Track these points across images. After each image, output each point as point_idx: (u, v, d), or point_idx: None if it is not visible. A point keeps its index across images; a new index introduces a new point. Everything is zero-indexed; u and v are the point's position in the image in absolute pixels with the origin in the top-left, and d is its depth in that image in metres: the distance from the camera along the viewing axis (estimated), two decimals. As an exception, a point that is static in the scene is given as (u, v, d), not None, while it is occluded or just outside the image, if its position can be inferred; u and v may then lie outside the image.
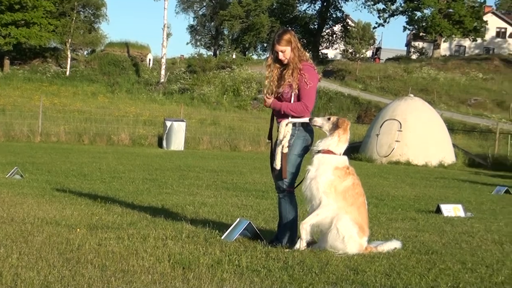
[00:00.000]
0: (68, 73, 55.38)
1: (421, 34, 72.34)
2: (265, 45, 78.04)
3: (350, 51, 68.88)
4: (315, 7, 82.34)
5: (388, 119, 26.38)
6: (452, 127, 33.40)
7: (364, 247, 6.29)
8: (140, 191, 11.19)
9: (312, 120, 6.54)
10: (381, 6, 72.34)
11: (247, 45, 78.97)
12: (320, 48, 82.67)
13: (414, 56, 76.50)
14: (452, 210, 10.16)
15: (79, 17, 60.65)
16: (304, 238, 6.32)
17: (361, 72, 58.37)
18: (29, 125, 27.62)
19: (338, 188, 6.28)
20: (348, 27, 78.57)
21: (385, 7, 71.82)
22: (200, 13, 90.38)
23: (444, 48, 77.37)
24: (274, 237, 6.73)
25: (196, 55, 61.15)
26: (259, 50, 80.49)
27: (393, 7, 71.74)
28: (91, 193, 10.36)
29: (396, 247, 6.48)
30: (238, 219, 7.11)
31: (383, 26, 72.78)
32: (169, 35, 59.22)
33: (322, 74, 58.28)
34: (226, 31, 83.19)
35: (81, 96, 45.86)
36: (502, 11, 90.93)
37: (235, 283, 4.94)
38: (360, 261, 5.84)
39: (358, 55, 65.56)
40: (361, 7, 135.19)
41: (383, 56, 79.77)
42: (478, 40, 72.70)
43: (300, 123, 6.62)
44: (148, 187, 11.95)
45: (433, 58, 66.89)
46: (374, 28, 72.44)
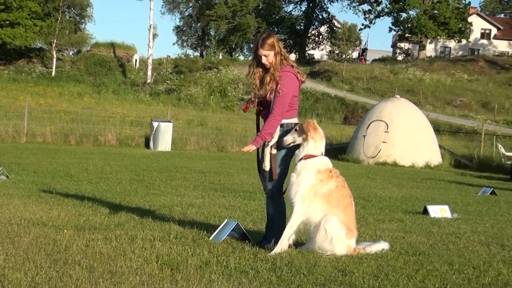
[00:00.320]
0: (54, 74, 55.13)
1: (407, 35, 72.68)
2: (252, 46, 78.09)
3: (336, 52, 69.13)
4: (301, 8, 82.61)
5: (375, 120, 26.45)
6: (438, 128, 33.55)
7: (353, 248, 6.30)
8: (128, 192, 11.15)
9: (284, 142, 6.49)
10: (367, 7, 72.65)
11: (234, 46, 78.99)
12: (307, 49, 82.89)
13: (400, 57, 76.84)
14: (439, 211, 10.21)
15: (65, 18, 60.37)
16: (279, 251, 6.25)
17: (348, 73, 58.53)
18: (15, 126, 27.45)
19: (320, 192, 6.26)
20: (334, 28, 78.85)
21: (371, 8, 72.09)
22: (186, 14, 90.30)
23: (430, 50, 77.75)
24: (262, 238, 6.73)
25: (183, 56, 61.05)
26: (246, 51, 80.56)
27: (379, 8, 72.06)
28: (78, 194, 10.31)
29: (384, 248, 6.49)
30: (226, 220, 7.11)
31: (369, 28, 73.03)
32: (155, 36, 59.07)
33: (309, 75, 58.40)
34: (213, 32, 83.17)
35: (67, 97, 45.66)
36: (487, 13, 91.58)
37: (224, 284, 4.94)
38: (348, 262, 5.85)
39: (344, 56, 65.78)
40: (347, 8, 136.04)
41: (369, 57, 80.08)
42: (463, 42, 73.12)
43: (287, 124, 6.63)
44: (135, 188, 11.91)
45: (419, 59, 67.21)
46: (360, 30, 72.77)
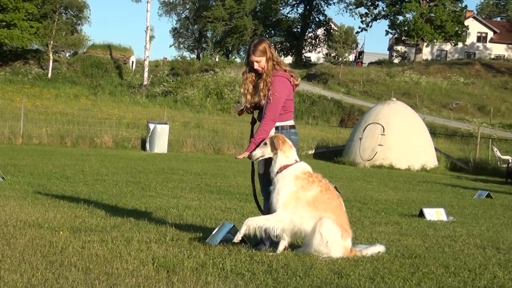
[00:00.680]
0: (50, 75, 55.06)
1: (403, 38, 72.81)
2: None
3: (333, 55, 69.14)
4: (298, 11, 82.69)
5: (371, 123, 26.47)
6: (434, 131, 33.59)
7: (349, 249, 6.30)
8: (124, 194, 11.15)
9: (252, 157, 6.49)
10: (364, 10, 72.80)
11: (230, 48, 78.99)
12: (303, 52, 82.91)
13: (397, 60, 76.96)
14: (435, 214, 10.22)
15: (61, 19, 60.33)
16: (241, 233, 6.23)
17: (344, 76, 58.57)
18: (11, 127, 27.40)
19: (304, 198, 6.22)
20: (331, 31, 78.90)
21: (368, 11, 72.23)
22: (183, 16, 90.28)
23: (426, 53, 77.88)
24: (259, 240, 6.73)
25: (179, 58, 61.01)
26: (242, 53, 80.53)
27: (376, 11, 72.21)
28: (74, 196, 10.30)
29: (380, 251, 6.49)
30: (222, 222, 7.11)
31: (366, 31, 73.17)
32: (152, 38, 59.11)
33: (306, 78, 58.46)
34: (209, 34, 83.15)
35: (63, 98, 45.59)
36: (483, 16, 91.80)
37: (220, 286, 4.94)
38: (344, 265, 5.85)
39: (341, 59, 65.81)
40: (344, 11, 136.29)
41: (366, 60, 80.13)
42: (460, 45, 73.27)
43: (282, 126, 6.65)
44: (132, 190, 11.91)
45: (415, 62, 67.31)
46: (357, 33, 72.84)
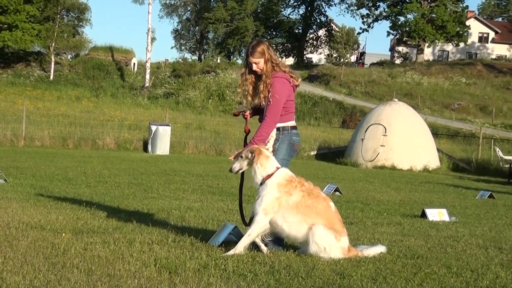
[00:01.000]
0: (52, 77, 55.16)
1: (405, 39, 72.80)
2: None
3: (335, 56, 69.18)
4: (299, 12, 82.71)
5: (373, 124, 26.47)
6: (436, 132, 33.57)
7: (347, 247, 6.28)
8: (126, 196, 11.15)
9: (232, 169, 6.55)
10: (365, 11, 72.81)
11: (232, 49, 79.05)
12: (305, 53, 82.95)
13: (398, 61, 76.97)
14: (437, 215, 10.21)
15: (63, 21, 60.42)
16: (231, 253, 6.16)
17: (346, 77, 58.59)
18: (13, 129, 27.41)
19: (286, 204, 6.21)
20: (333, 32, 78.94)
21: (369, 12, 72.23)
22: (184, 18, 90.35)
23: (428, 53, 77.85)
24: (260, 241, 6.73)
25: (181, 60, 61.12)
26: (244, 55, 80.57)
27: (377, 12, 72.21)
28: (76, 198, 10.30)
29: (382, 252, 6.49)
30: (224, 224, 7.10)
31: (367, 32, 73.22)
32: (154, 40, 59.27)
33: (307, 79, 58.48)
34: (211, 35, 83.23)
35: (65, 100, 45.63)
36: (484, 16, 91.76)
37: (222, 288, 4.94)
38: (346, 266, 5.85)
39: (343, 60, 65.83)
40: (345, 12, 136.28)
41: (367, 61, 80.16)
42: (461, 45, 73.24)
43: (283, 127, 6.65)
44: (134, 192, 11.90)
45: (417, 63, 67.31)
46: (358, 33, 72.91)
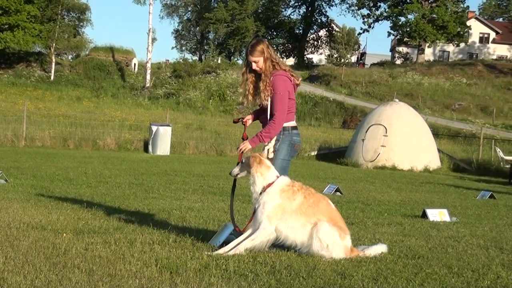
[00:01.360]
0: (53, 78, 55.19)
1: (405, 39, 72.76)
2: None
3: (335, 56, 69.17)
4: (300, 12, 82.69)
5: (374, 124, 26.46)
6: (437, 132, 33.56)
7: (349, 247, 6.29)
8: (127, 196, 11.15)
9: (232, 173, 6.56)
10: (366, 11, 72.78)
11: (232, 50, 79.05)
12: (305, 53, 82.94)
13: (399, 61, 76.97)
14: (438, 215, 10.21)
15: (64, 22, 60.45)
16: (229, 253, 6.15)
17: (346, 77, 58.57)
18: (13, 130, 27.42)
19: (289, 209, 6.20)
20: (333, 32, 78.93)
21: (370, 12, 72.19)
22: (185, 18, 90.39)
23: (428, 54, 77.83)
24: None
25: (182, 60, 61.11)
26: (244, 55, 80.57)
27: (377, 12, 72.17)
28: (77, 198, 10.31)
29: (383, 251, 6.49)
30: (225, 224, 7.11)
31: (368, 32, 73.19)
32: (154, 40, 59.27)
33: (308, 79, 58.47)
34: (211, 36, 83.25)
35: (66, 101, 45.66)
36: (485, 17, 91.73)
37: (223, 287, 4.95)
38: (347, 266, 5.85)
39: (343, 60, 65.82)
40: (346, 12, 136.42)
41: (368, 61, 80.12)
42: (462, 45, 73.22)
43: (284, 127, 6.66)
44: (135, 192, 11.91)
45: (418, 63, 67.26)
46: (359, 34, 72.92)
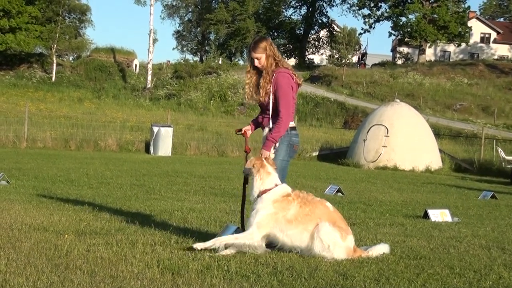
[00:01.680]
0: (54, 79, 55.25)
1: (406, 40, 72.75)
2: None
3: (336, 57, 69.09)
4: (301, 12, 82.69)
5: (375, 125, 26.45)
6: (438, 132, 33.55)
7: (352, 248, 6.28)
8: (128, 197, 11.16)
9: (244, 172, 6.64)
10: (366, 12, 72.76)
11: (233, 50, 79.07)
12: (306, 54, 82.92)
13: (400, 62, 76.93)
14: (439, 215, 10.20)
15: (65, 23, 60.50)
16: (205, 247, 6.16)
17: (347, 78, 58.60)
18: (15, 131, 27.44)
19: (283, 219, 6.19)
20: (334, 33, 78.88)
21: (370, 13, 72.17)
22: (186, 19, 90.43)
23: (429, 54, 77.81)
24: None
25: (182, 61, 61.14)
26: (245, 56, 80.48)
27: (378, 13, 72.15)
28: (79, 199, 10.32)
29: (384, 252, 6.48)
30: (226, 225, 7.11)
31: (369, 32, 73.14)
32: (155, 41, 59.24)
33: (309, 80, 58.48)
34: (212, 37, 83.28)
35: (67, 102, 45.71)
36: (486, 17, 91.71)
37: (225, 289, 4.95)
38: (349, 266, 5.85)
39: (344, 61, 65.78)
40: (347, 12, 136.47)
41: (369, 62, 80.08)
42: (463, 45, 73.20)
43: None
44: (136, 193, 11.91)
45: (419, 64, 67.25)
46: (360, 34, 72.85)
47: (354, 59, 79.10)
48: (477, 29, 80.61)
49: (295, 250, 6.30)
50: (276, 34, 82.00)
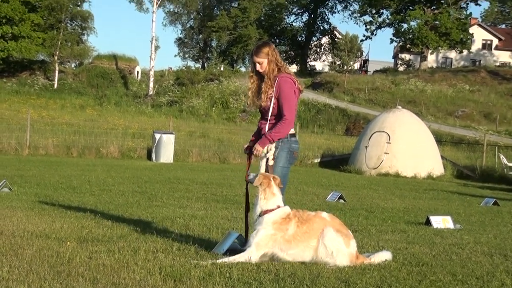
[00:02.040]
0: (56, 86, 55.32)
1: (408, 46, 72.76)
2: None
3: (338, 63, 69.11)
4: (303, 19, 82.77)
5: (377, 131, 26.45)
6: (440, 139, 33.52)
7: (355, 254, 6.28)
8: (130, 204, 11.15)
9: (248, 178, 6.66)
10: (368, 19, 72.79)
11: (235, 57, 79.14)
12: (308, 60, 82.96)
13: (401, 68, 76.90)
14: (442, 222, 10.19)
15: (67, 30, 60.62)
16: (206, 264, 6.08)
17: (349, 84, 58.58)
18: (17, 138, 27.47)
19: (282, 240, 6.18)
20: (336, 39, 78.92)
21: (372, 19, 72.22)
22: (188, 26, 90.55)
23: (431, 60, 77.82)
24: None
25: (184, 68, 61.18)
26: (247, 62, 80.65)
27: (380, 19, 72.20)
28: (81, 206, 10.32)
29: (387, 259, 6.48)
30: (228, 232, 7.11)
31: (370, 39, 73.18)
32: (157, 48, 59.36)
33: (311, 87, 58.50)
34: (214, 43, 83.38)
35: (69, 109, 45.77)
36: (488, 23, 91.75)
37: (227, 296, 4.94)
38: (351, 273, 5.84)
39: (346, 67, 65.79)
40: (348, 19, 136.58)
41: (371, 68, 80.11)
42: (464, 52, 73.21)
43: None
44: (138, 200, 11.91)
45: (420, 70, 67.23)
46: (362, 41, 72.85)
47: (356, 66, 79.12)
48: (479, 36, 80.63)
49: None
50: (278, 41, 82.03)
